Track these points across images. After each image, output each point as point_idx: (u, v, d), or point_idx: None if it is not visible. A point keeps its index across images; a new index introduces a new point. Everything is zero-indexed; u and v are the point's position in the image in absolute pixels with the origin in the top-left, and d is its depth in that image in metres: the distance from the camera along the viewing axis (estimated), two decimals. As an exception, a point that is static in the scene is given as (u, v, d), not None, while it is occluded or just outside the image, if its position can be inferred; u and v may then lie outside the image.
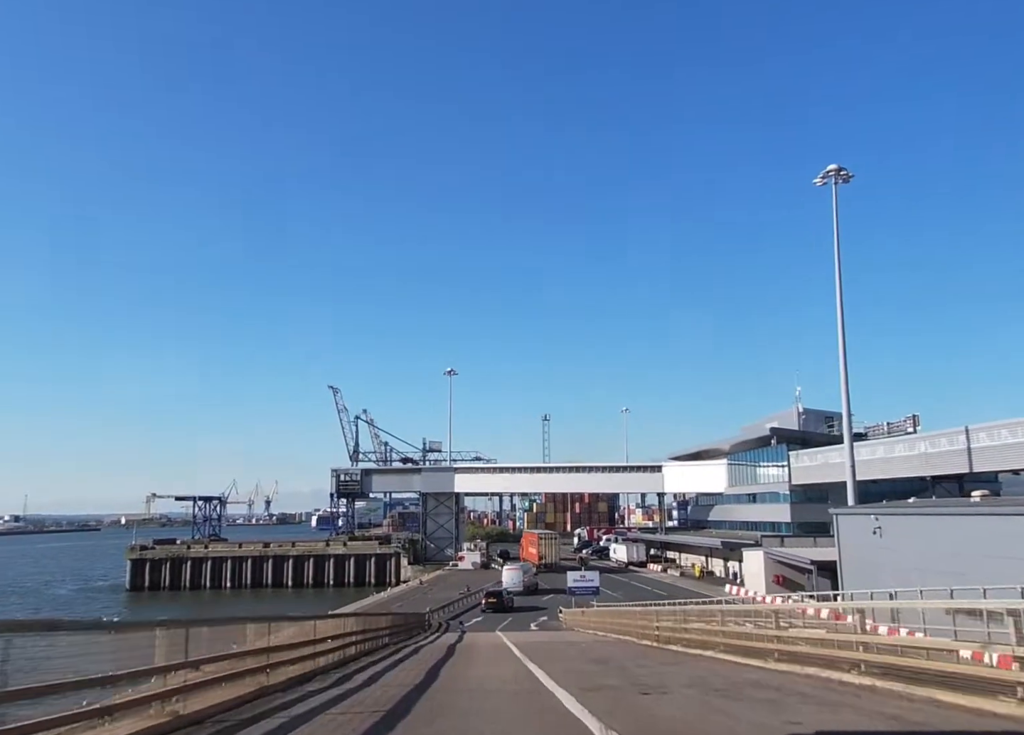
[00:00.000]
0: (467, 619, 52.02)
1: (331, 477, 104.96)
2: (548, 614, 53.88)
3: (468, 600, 62.88)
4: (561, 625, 47.52)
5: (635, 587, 69.97)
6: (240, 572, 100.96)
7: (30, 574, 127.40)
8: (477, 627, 47.30)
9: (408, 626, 35.86)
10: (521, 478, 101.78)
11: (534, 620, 50.82)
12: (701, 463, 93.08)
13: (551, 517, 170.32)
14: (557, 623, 48.97)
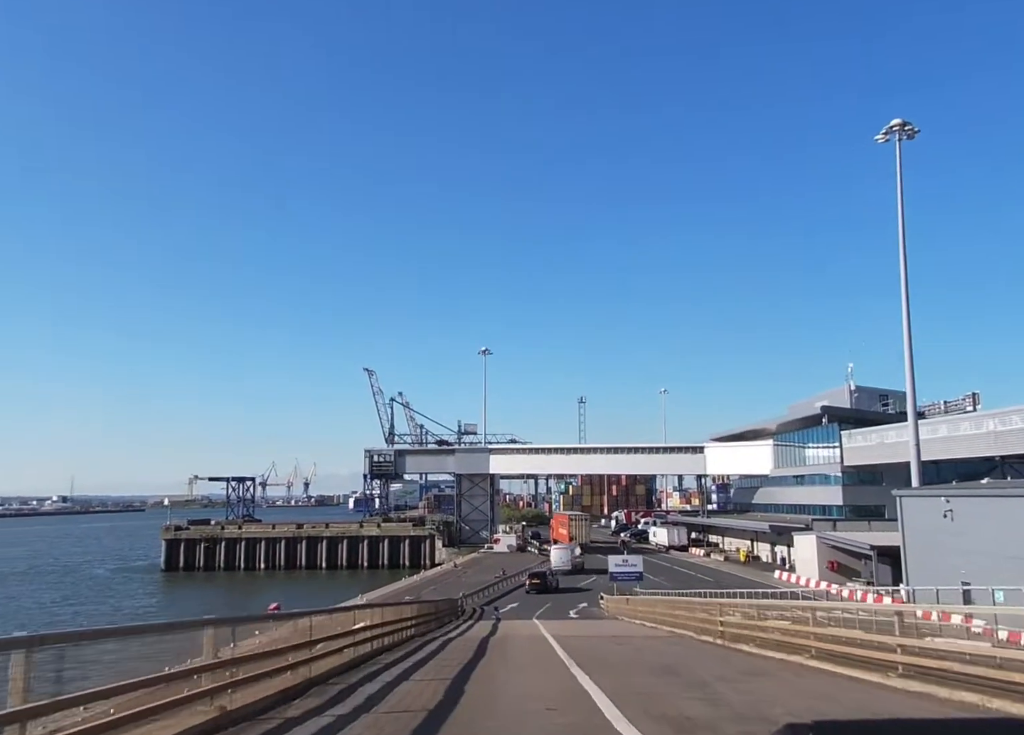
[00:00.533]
0: (502, 604, 48.94)
1: (365, 458, 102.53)
2: (588, 599, 50.57)
3: (503, 584, 59.86)
4: (603, 612, 44.17)
5: (678, 572, 66.34)
6: (274, 553, 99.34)
7: (72, 553, 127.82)
8: (513, 614, 44.15)
9: (439, 614, 32.80)
10: (557, 459, 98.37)
11: (573, 606, 47.53)
12: (745, 444, 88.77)
13: (587, 500, 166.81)
14: (598, 610, 45.63)
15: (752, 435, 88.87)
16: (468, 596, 50.30)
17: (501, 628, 30.78)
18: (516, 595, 55.10)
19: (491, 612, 43.45)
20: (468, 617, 42.43)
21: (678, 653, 17.57)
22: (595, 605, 47.48)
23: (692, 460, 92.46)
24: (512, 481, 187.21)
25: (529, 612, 44.50)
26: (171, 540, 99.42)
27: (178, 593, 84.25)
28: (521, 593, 56.21)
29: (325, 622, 14.48)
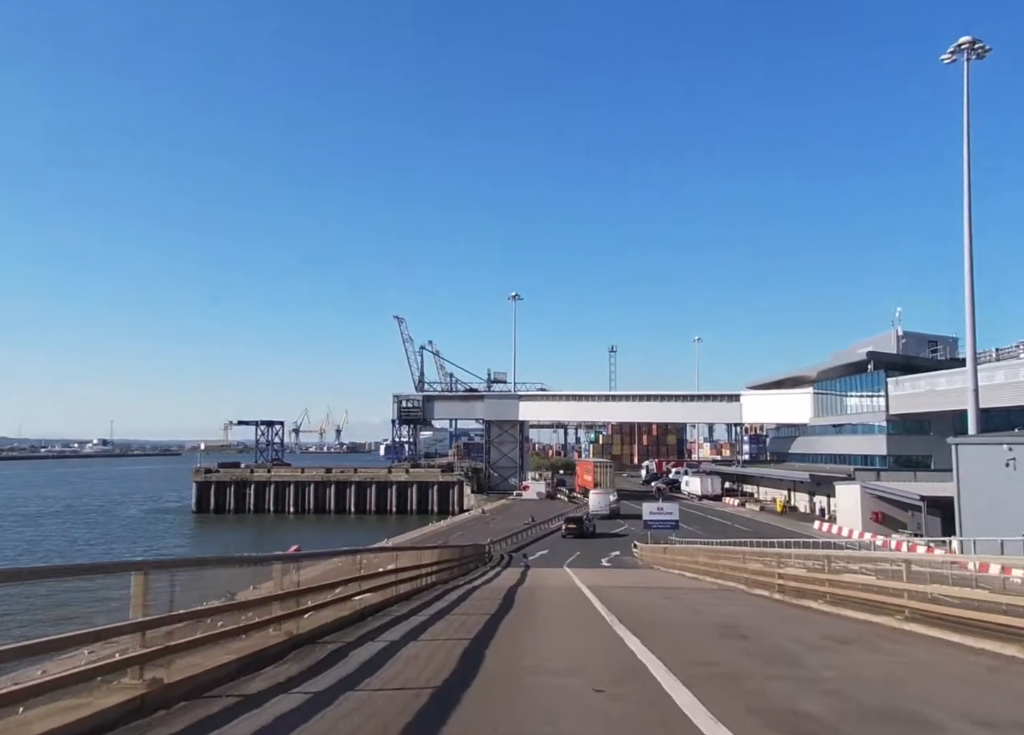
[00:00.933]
0: (532, 551, 46.97)
1: (393, 404, 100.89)
2: (620, 547, 48.39)
3: (533, 531, 57.95)
4: (636, 561, 41.94)
5: (712, 521, 63.91)
6: (303, 497, 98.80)
7: (108, 494, 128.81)
8: (542, 561, 42.09)
9: (464, 560, 30.64)
10: (587, 407, 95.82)
11: (605, 554, 45.38)
12: (783, 392, 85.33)
13: (617, 449, 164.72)
14: (631, 559, 43.42)
15: (791, 383, 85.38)
16: (496, 542, 48.39)
17: (530, 576, 28.54)
18: (546, 542, 53.23)
19: (520, 559, 41.46)
20: (496, 564, 40.43)
21: (739, 612, 14.92)
22: (628, 554, 45.29)
23: (727, 408, 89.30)
24: (541, 431, 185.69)
25: (559, 560, 42.42)
26: (201, 483, 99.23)
27: (207, 535, 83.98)
28: (551, 540, 54.33)
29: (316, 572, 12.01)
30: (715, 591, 20.64)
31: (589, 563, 40.67)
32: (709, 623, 13.05)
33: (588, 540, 53.47)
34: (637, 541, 45.45)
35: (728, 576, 23.17)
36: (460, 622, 12.70)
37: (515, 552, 46.77)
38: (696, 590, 20.86)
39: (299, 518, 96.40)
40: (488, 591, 19.91)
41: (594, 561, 42.04)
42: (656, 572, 33.44)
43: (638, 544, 44.49)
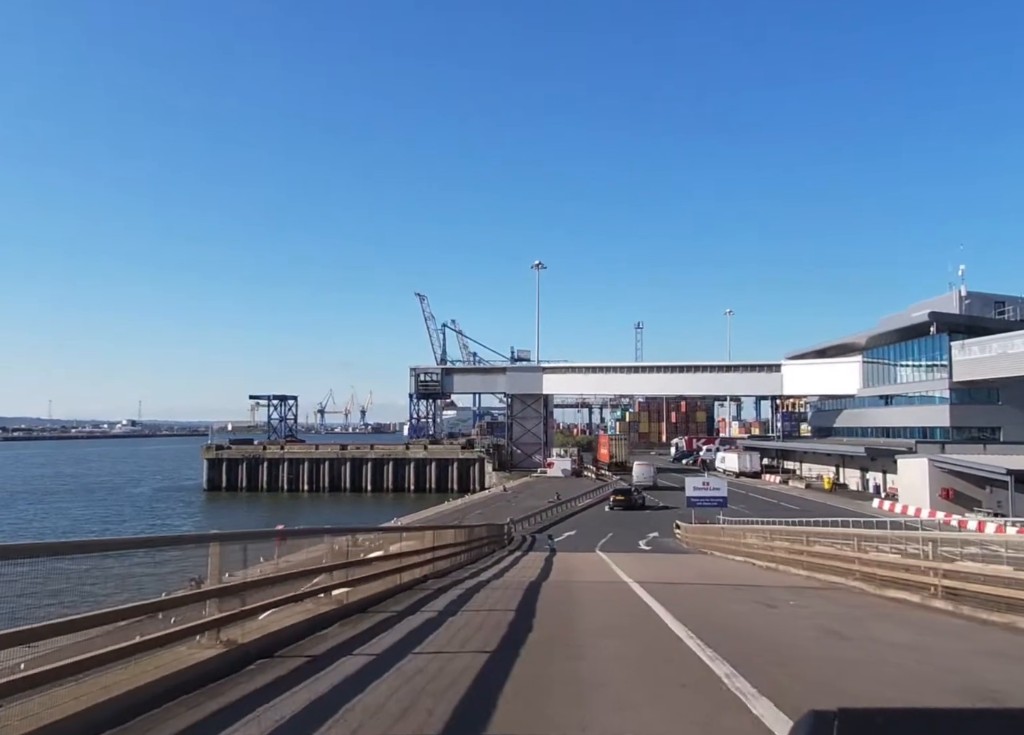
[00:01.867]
0: (557, 532, 40.89)
1: (410, 377, 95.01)
2: (658, 527, 42.13)
3: (558, 509, 51.85)
4: (680, 544, 35.73)
5: (756, 500, 57.26)
6: (317, 475, 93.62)
7: (124, 473, 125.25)
8: (570, 543, 36.00)
9: (474, 543, 24.66)
10: (615, 379, 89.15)
11: (641, 535, 39.18)
12: (828, 361, 78.11)
13: (644, 427, 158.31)
14: (673, 542, 37.19)
15: (835, 351, 78.14)
16: (517, 522, 42.41)
17: (557, 564, 22.52)
18: (573, 522, 47.10)
19: (544, 541, 35.41)
20: (516, 547, 34.47)
21: (922, 643, 8.51)
22: (668, 534, 39.04)
23: (766, 379, 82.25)
24: (566, 411, 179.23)
25: (590, 542, 36.33)
26: (212, 460, 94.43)
27: (215, 513, 78.94)
28: (579, 520, 48.23)
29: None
30: (824, 592, 14.25)
31: (625, 546, 34.51)
32: (921, 676, 6.63)
33: (619, 519, 47.41)
34: (679, 520, 39.08)
35: (826, 568, 16.77)
36: (449, 643, 6.57)
37: (539, 533, 40.77)
38: (793, 590, 14.48)
39: (313, 496, 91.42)
40: (498, 590, 13.75)
41: (630, 544, 35.87)
42: (713, 559, 27.13)
43: (680, 524, 38.18)
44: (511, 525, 39.00)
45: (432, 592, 12.83)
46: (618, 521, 46.35)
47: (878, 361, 72.26)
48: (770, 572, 19.70)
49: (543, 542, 35.35)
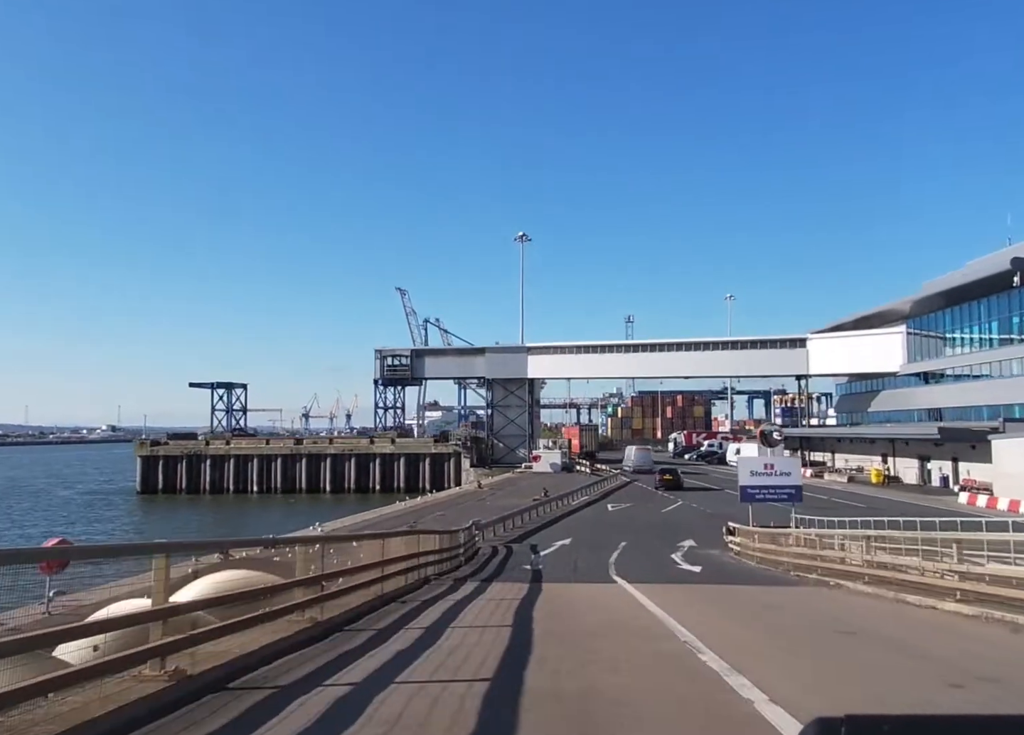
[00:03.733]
0: (545, 540, 27.09)
1: (375, 360, 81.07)
2: (690, 532, 28.37)
3: (546, 509, 37.97)
4: (740, 560, 21.99)
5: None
6: (269, 473, 79.37)
7: (67, 475, 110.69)
8: (564, 559, 22.12)
9: (405, 565, 10.99)
10: (611, 360, 75.50)
11: (670, 547, 25.45)
12: (864, 333, 64.79)
13: (638, 423, 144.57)
14: (723, 555, 23.43)
15: (870, 322, 64.84)
16: (487, 526, 28.55)
17: (543, 615, 9.09)
18: (567, 525, 33.02)
19: (527, 555, 21.54)
20: (478, 568, 20.70)
21: None
22: (710, 544, 25.27)
23: (788, 357, 68.81)
24: (553, 412, 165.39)
25: (595, 559, 22.53)
26: (147, 458, 79.96)
27: (141, 519, 64.61)
28: (575, 523, 34.18)
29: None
30: None
31: (654, 566, 20.78)
32: None
33: (630, 521, 33.41)
34: (733, 523, 25.09)
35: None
36: None
37: (518, 542, 26.91)
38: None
39: (264, 498, 77.30)
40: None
41: (660, 561, 22.03)
42: (829, 592, 13.34)
43: (736, 527, 24.33)
44: (474, 531, 25.10)
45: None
46: (628, 523, 32.48)
47: (925, 333, 59.04)
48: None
49: (525, 557, 21.66)
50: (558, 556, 23.32)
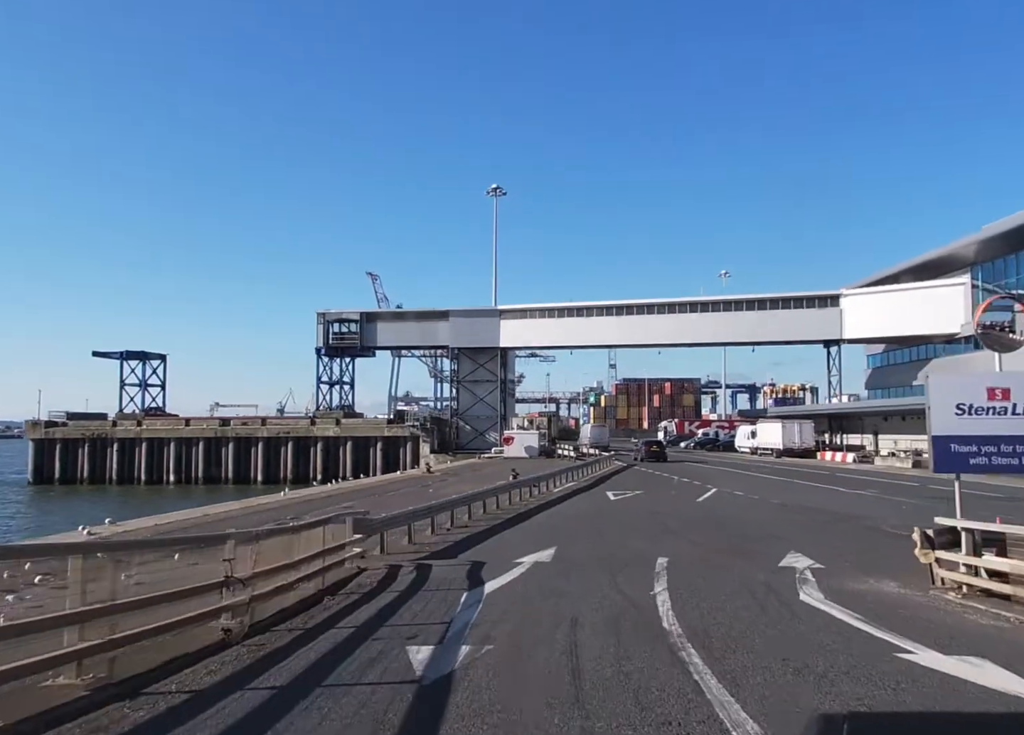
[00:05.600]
0: (504, 554, 13.22)
1: (317, 326, 66.77)
2: (777, 538, 14.64)
3: (515, 497, 23.88)
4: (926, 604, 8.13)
5: (893, 486, 29.98)
6: (188, 460, 64.85)
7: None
8: (537, 629, 7.92)
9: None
10: (600, 326, 61.83)
11: (762, 563, 11.67)
12: (913, 287, 51.60)
13: (623, 412, 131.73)
14: (916, 597, 9.46)
15: (920, 273, 51.68)
16: (392, 523, 14.49)
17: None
18: (549, 524, 18.45)
19: (446, 599, 7.54)
20: (274, 651, 6.69)
21: None
22: (864, 569, 11.45)
23: (818, 319, 55.49)
24: (531, 406, 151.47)
25: (620, 602, 8.57)
26: (41, 441, 65.13)
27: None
28: (559, 522, 19.66)
29: None
30: None
31: (794, 644, 6.88)
32: None
33: (657, 516, 19.33)
34: (924, 530, 11.19)
35: None
36: None
37: (448, 558, 12.93)
38: None
39: (183, 489, 62.69)
40: None
41: (789, 625, 8.13)
42: None
43: (973, 533, 10.40)
44: (374, 523, 11.14)
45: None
46: (652, 520, 18.33)
47: (997, 285, 45.89)
48: None
49: (440, 603, 7.88)
50: (524, 601, 9.34)
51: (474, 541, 15.24)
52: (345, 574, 11.57)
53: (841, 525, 17.01)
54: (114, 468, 64.87)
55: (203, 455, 64.66)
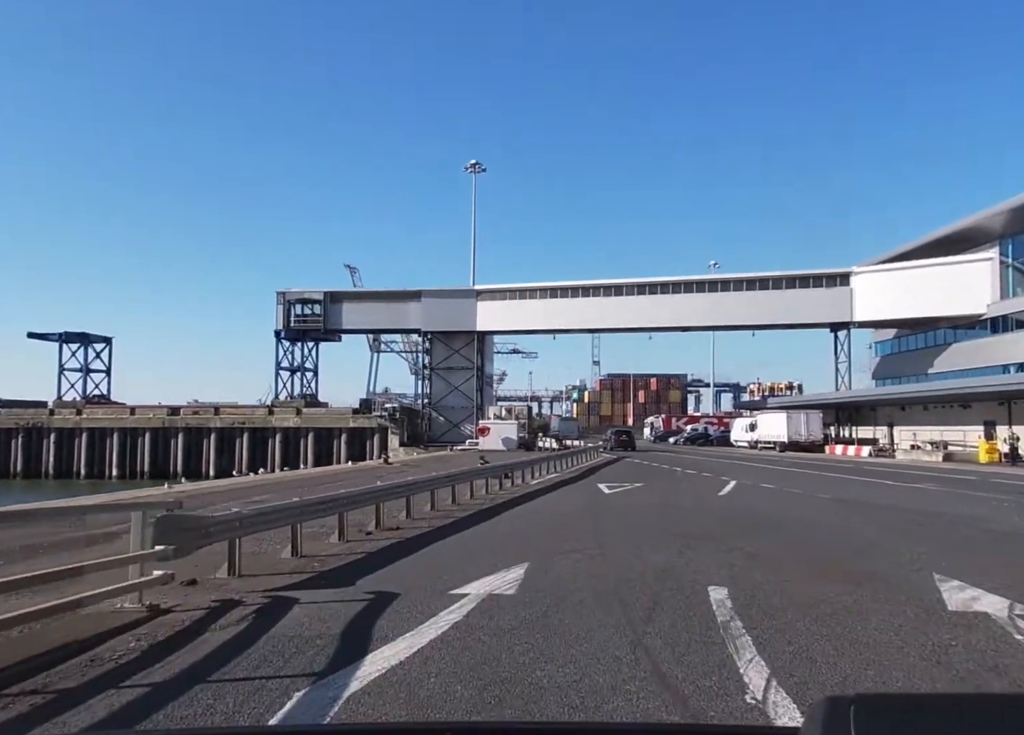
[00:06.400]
0: (459, 565, 7.66)
1: (277, 306, 60.76)
2: (861, 551, 9.19)
3: (482, 488, 18.32)
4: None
5: (951, 480, 24.59)
6: (134, 453, 58.60)
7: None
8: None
9: None
10: (586, 308, 56.30)
11: (904, 594, 6.11)
12: (933, 263, 46.51)
13: (606, 409, 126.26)
14: None
15: (935, 249, 46.63)
16: (253, 518, 8.90)
17: None
18: (523, 526, 12.98)
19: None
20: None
21: None
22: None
23: (826, 299, 50.28)
24: (514, 406, 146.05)
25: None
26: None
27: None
28: (537, 520, 14.19)
29: None
30: None
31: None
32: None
33: (668, 515, 13.86)
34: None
35: None
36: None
37: (321, 589, 7.24)
38: None
39: (127, 484, 56.29)
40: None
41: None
42: None
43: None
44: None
45: None
46: (662, 520, 12.88)
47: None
48: None
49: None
50: (444, 709, 3.67)
51: (400, 552, 9.60)
52: (115, 623, 5.94)
53: (963, 530, 11.54)
54: (51, 461, 58.54)
55: (149, 446, 58.47)
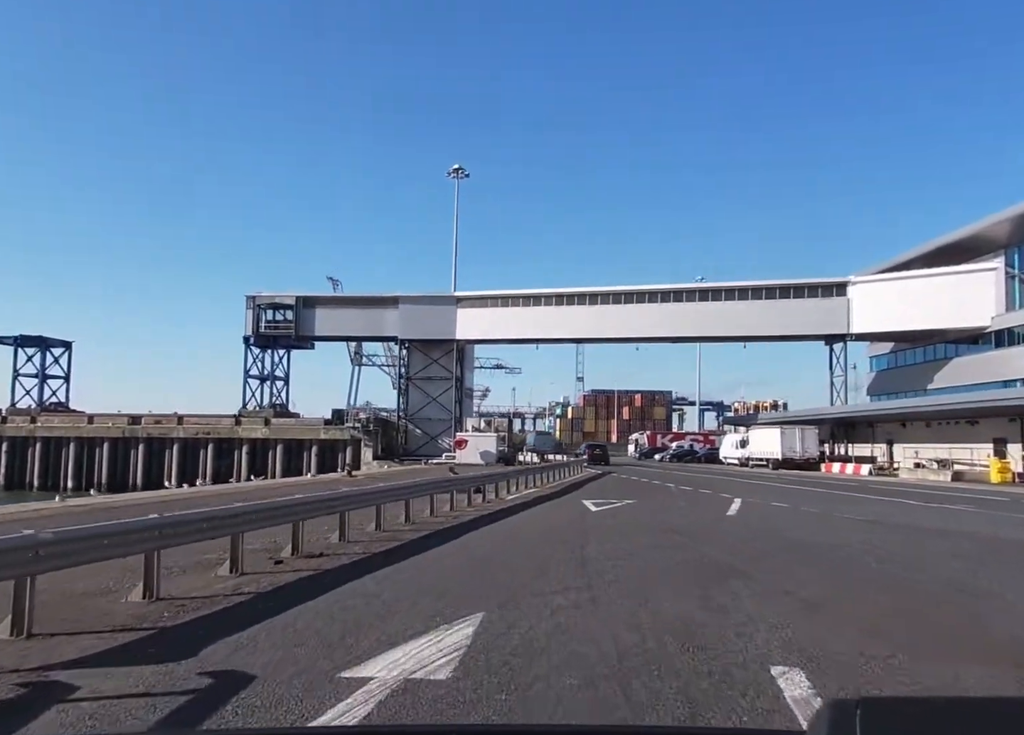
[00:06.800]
0: (377, 617, 4.89)
1: (246, 311, 57.60)
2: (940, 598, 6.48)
3: (446, 504, 15.46)
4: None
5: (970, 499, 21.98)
6: (91, 465, 55.08)
7: None
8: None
9: None
10: (572, 317, 53.68)
11: None
12: (934, 272, 44.31)
13: (590, 425, 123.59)
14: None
15: (936, 258, 44.47)
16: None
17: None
18: (477, 550, 10.23)
19: None
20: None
21: None
22: None
23: (822, 310, 47.91)
24: (496, 422, 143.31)
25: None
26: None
27: None
28: (510, 547, 11.42)
29: None
30: None
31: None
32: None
33: (675, 539, 11.19)
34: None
35: None
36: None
37: (133, 664, 4.45)
38: None
39: (84, 498, 53.15)
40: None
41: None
42: None
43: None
44: None
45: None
46: (688, 560, 10.17)
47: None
48: None
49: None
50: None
51: (304, 593, 6.73)
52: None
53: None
54: (1, 471, 54.93)
55: (108, 457, 54.98)
